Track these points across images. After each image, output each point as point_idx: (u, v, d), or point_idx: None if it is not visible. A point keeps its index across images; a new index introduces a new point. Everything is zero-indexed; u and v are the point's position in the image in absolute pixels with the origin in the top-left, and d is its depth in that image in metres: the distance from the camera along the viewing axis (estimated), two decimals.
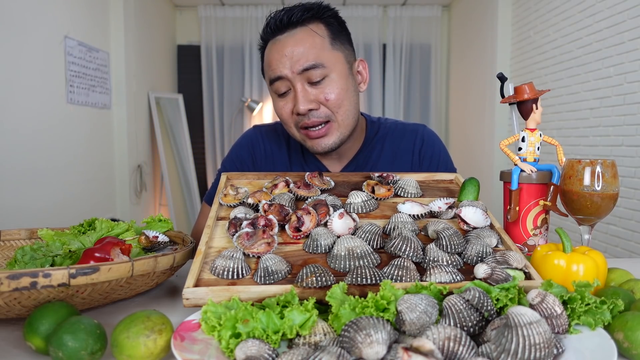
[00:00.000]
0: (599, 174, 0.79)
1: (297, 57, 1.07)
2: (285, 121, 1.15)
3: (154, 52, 4.09)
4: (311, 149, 1.16)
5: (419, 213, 0.86)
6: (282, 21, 1.10)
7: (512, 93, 0.89)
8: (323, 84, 1.09)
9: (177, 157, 4.43)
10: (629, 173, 2.35)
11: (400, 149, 1.26)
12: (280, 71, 1.09)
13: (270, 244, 0.75)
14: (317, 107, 1.09)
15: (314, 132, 1.11)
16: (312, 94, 1.09)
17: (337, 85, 1.10)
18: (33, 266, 0.81)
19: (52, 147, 2.67)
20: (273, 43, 1.12)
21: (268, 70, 1.13)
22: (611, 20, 2.44)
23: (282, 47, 1.09)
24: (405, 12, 4.63)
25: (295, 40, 1.09)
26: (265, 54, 1.15)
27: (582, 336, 0.58)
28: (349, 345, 0.51)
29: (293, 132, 1.16)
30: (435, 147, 1.28)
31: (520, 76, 3.41)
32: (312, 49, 1.08)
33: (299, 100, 1.08)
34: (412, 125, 1.31)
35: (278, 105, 1.14)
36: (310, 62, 1.07)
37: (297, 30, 1.10)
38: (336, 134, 1.13)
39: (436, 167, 1.25)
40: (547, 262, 0.73)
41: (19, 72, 2.37)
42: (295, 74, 1.08)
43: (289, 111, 1.12)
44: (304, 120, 1.10)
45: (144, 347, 0.55)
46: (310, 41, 1.09)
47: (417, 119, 4.76)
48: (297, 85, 1.08)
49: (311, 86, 1.09)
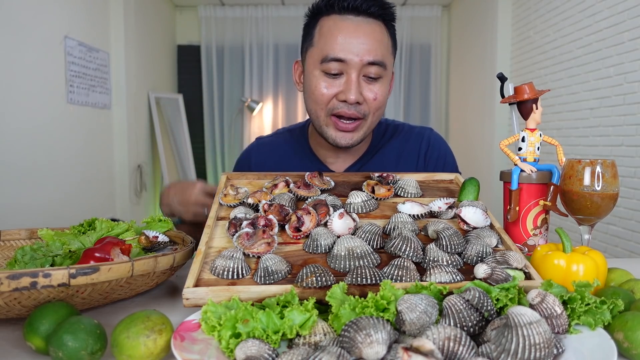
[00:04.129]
0: (599, 174, 0.79)
1: (369, 48, 1.05)
2: (320, 102, 1.10)
3: (154, 52, 4.09)
4: (333, 139, 1.13)
5: (419, 213, 0.86)
6: (362, 5, 1.06)
7: (512, 93, 0.89)
8: (376, 83, 1.09)
9: (177, 157, 4.43)
10: (629, 173, 2.35)
11: (406, 151, 1.26)
12: (345, 54, 1.05)
13: (270, 244, 0.75)
14: (362, 102, 1.09)
15: (344, 124, 1.10)
16: (363, 88, 1.08)
17: (385, 89, 1.11)
18: (33, 266, 0.81)
19: (52, 147, 2.67)
20: (343, 20, 1.07)
21: (326, 46, 1.07)
22: (611, 20, 2.44)
23: (355, 31, 1.05)
24: (405, 12, 4.63)
25: (372, 29, 1.07)
26: (327, 26, 1.08)
27: (582, 336, 0.58)
28: (349, 345, 0.51)
29: (318, 114, 1.12)
30: (442, 150, 1.28)
31: (520, 76, 3.41)
32: (381, 46, 1.08)
33: (353, 89, 1.06)
34: (418, 128, 1.31)
35: (320, 84, 1.08)
36: (378, 57, 1.06)
37: (372, 22, 1.08)
38: (362, 132, 1.13)
39: (442, 170, 1.25)
40: (547, 262, 0.73)
41: (19, 72, 2.37)
42: (362, 63, 1.05)
43: (331, 94, 1.08)
44: (343, 109, 1.08)
45: (144, 347, 0.55)
46: (382, 38, 1.08)
47: (417, 119, 4.76)
48: (354, 74, 1.06)
49: (365, 80, 1.08)
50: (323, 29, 1.09)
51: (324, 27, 1.09)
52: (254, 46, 4.64)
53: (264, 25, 4.61)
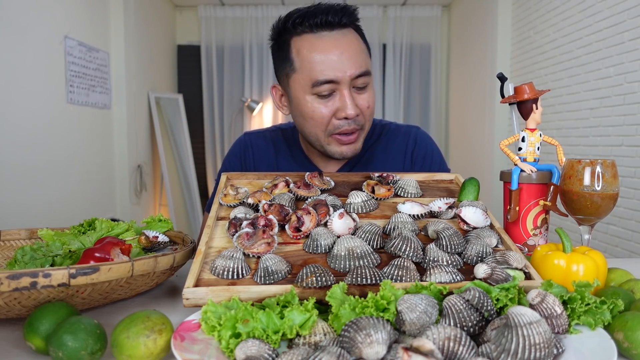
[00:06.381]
0: (599, 174, 0.79)
1: (353, 61, 1.04)
2: (320, 124, 1.08)
3: (154, 52, 4.09)
4: (340, 154, 1.12)
5: (419, 213, 0.86)
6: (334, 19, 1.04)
7: (512, 93, 0.89)
8: (365, 92, 1.09)
9: (177, 157, 4.43)
10: (629, 173, 2.35)
11: (393, 150, 1.26)
12: (334, 74, 1.03)
13: (270, 244, 0.75)
14: (359, 113, 1.08)
15: (347, 137, 1.10)
16: (356, 100, 1.07)
17: (373, 94, 1.12)
18: (33, 266, 0.81)
19: (52, 147, 2.67)
20: (319, 38, 1.05)
21: (313, 70, 1.04)
22: (611, 20, 2.44)
23: (336, 48, 1.04)
24: (405, 12, 4.63)
25: (350, 41, 1.06)
26: (305, 48, 1.05)
27: (582, 336, 0.58)
28: (349, 345, 0.51)
29: (319, 136, 1.11)
30: (428, 148, 1.27)
31: (520, 76, 3.41)
32: (362, 54, 1.07)
33: (348, 105, 1.05)
34: (405, 126, 1.31)
35: (316, 107, 1.07)
36: (363, 68, 1.06)
37: (346, 32, 1.07)
38: (362, 139, 1.14)
39: (429, 169, 1.25)
40: (547, 262, 0.73)
41: (19, 72, 2.37)
42: (350, 78, 1.04)
43: (329, 114, 1.07)
44: (344, 127, 1.08)
45: (144, 347, 0.55)
46: (359, 46, 1.07)
47: (417, 119, 4.76)
48: (346, 91, 1.05)
49: (356, 92, 1.08)
50: (302, 52, 1.06)
51: (301, 50, 1.06)
52: (254, 46, 4.64)
53: (264, 25, 4.61)
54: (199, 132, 4.75)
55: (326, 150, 1.14)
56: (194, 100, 4.73)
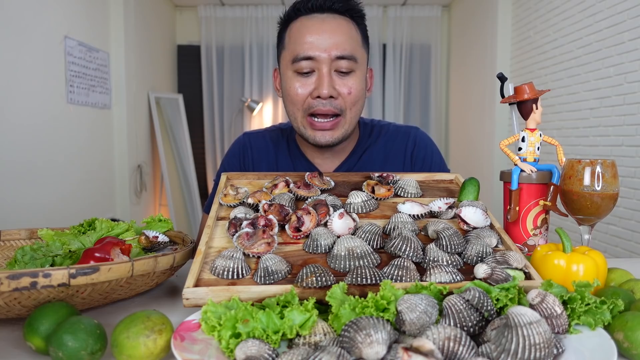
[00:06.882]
0: (599, 174, 0.79)
1: (336, 42, 1.06)
2: (296, 102, 1.11)
3: (154, 52, 4.09)
4: (312, 139, 1.13)
5: (419, 213, 0.86)
6: (326, 2, 1.08)
7: (512, 93, 0.89)
8: (348, 77, 1.10)
9: (177, 157, 4.43)
10: (629, 173, 2.35)
11: (393, 151, 1.26)
12: (313, 51, 1.06)
13: (270, 244, 0.75)
14: (336, 97, 1.09)
15: (320, 123, 1.10)
16: (336, 83, 1.09)
17: (360, 84, 1.11)
18: (33, 266, 0.81)
19: (52, 147, 2.67)
20: (309, 19, 1.09)
21: (295, 46, 1.08)
22: (611, 20, 2.44)
23: (321, 27, 1.07)
24: (405, 12, 4.63)
25: (338, 24, 1.08)
26: (295, 27, 1.11)
27: (582, 336, 0.58)
28: (349, 345, 0.51)
29: (296, 116, 1.13)
30: (427, 149, 1.27)
31: (520, 76, 3.41)
32: (350, 40, 1.09)
33: (324, 83, 1.06)
34: (404, 127, 1.31)
35: (294, 84, 1.10)
36: (347, 51, 1.07)
37: (338, 17, 1.10)
38: (342, 130, 1.13)
39: (429, 169, 1.25)
40: (547, 262, 0.73)
41: (19, 72, 2.37)
42: (330, 58, 1.06)
43: (306, 93, 1.09)
44: (318, 107, 1.09)
45: (144, 347, 0.55)
46: (349, 32, 1.10)
47: (417, 119, 4.76)
48: (325, 69, 1.07)
49: (337, 75, 1.09)
50: (292, 31, 1.11)
51: (292, 29, 1.11)
52: (254, 46, 4.64)
53: (264, 25, 4.61)
54: (199, 132, 4.75)
55: (303, 134, 1.15)
56: (194, 100, 4.73)
